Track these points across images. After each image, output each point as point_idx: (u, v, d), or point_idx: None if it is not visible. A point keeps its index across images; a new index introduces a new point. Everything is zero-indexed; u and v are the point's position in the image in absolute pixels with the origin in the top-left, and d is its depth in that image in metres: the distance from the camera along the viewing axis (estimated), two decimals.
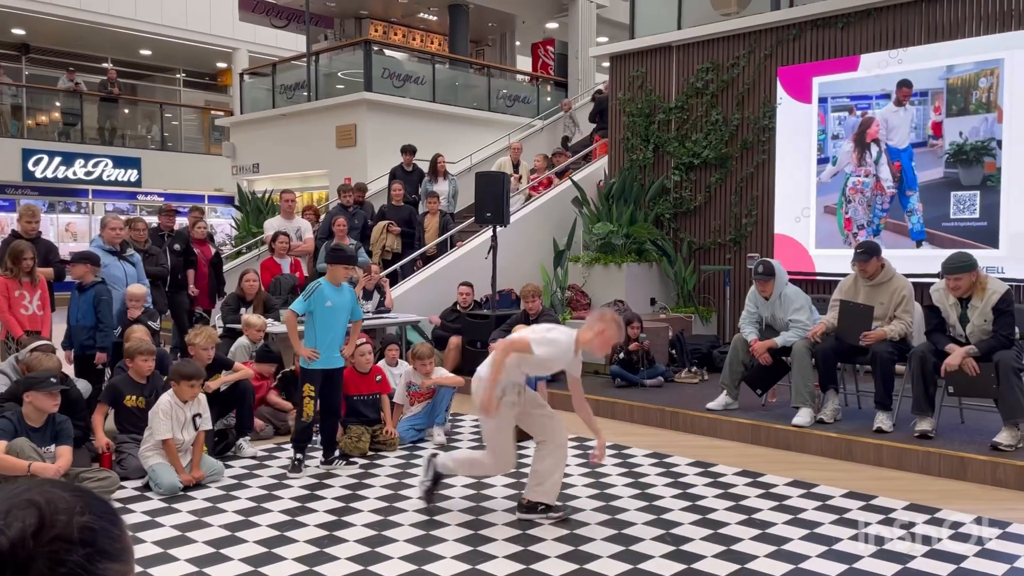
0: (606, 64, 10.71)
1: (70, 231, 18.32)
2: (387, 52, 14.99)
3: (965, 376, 4.97)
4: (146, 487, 4.62)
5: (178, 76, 23.09)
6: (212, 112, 21.07)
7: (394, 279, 9.06)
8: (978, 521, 4.03)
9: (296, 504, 4.37)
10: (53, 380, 4.37)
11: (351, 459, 5.18)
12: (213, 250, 9.04)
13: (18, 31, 19.01)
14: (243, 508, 4.31)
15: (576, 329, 4.02)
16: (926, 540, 3.78)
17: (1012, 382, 4.82)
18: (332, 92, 14.51)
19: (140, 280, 6.92)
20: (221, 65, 22.29)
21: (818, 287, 7.83)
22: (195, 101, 22.57)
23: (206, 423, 4.89)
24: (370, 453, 5.44)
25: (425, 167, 10.78)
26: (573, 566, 3.47)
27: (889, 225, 7.64)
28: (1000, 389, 4.84)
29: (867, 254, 5.65)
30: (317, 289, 4.91)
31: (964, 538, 3.80)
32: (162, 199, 18.83)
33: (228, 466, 5.07)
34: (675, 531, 3.91)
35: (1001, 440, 4.87)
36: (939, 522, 4.03)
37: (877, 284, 5.64)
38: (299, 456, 5.01)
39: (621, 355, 7.12)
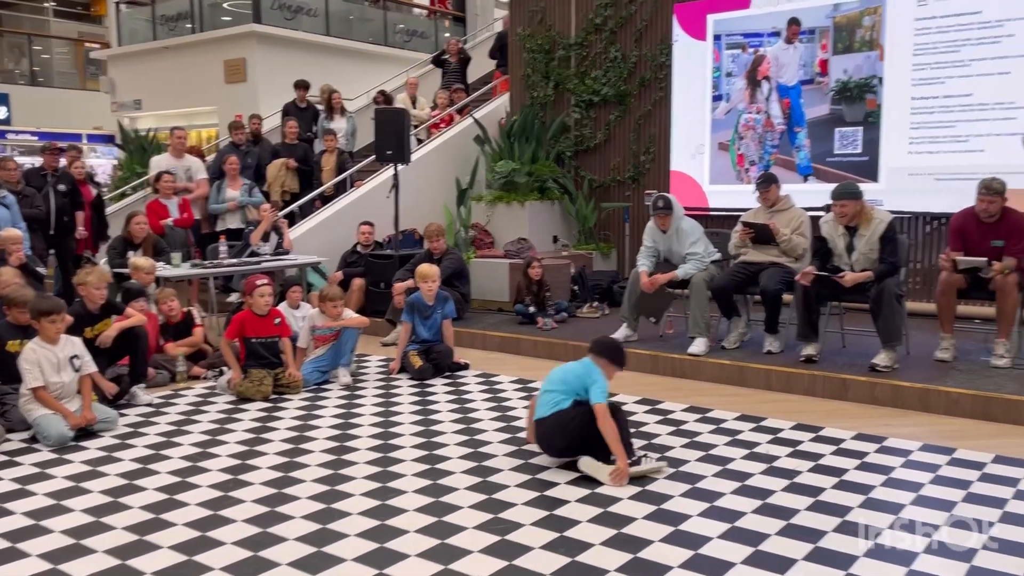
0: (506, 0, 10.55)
1: None
2: None
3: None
4: (34, 439, 4.41)
5: (47, 5, 21.41)
6: (87, 44, 19.69)
7: (292, 220, 8.82)
8: (858, 437, 4.32)
9: (197, 450, 4.27)
10: None
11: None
12: (94, 191, 8.59)
13: None
14: (141, 456, 4.18)
15: None
16: (811, 456, 4.03)
17: (892, 307, 5.15)
18: (218, 24, 13.78)
19: (15, 223, 6.50)
20: None
21: (712, 221, 8.08)
22: (67, 32, 21.02)
23: (88, 366, 4.68)
24: (273, 396, 5.35)
25: (320, 104, 10.45)
26: (482, 496, 3.54)
27: (779, 161, 7.91)
28: (882, 313, 5.17)
29: (766, 182, 6.01)
30: None
31: (845, 453, 4.07)
32: (36, 138, 17.65)
33: (122, 414, 4.89)
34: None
35: (879, 362, 5.21)
36: (823, 439, 4.30)
37: (777, 211, 5.94)
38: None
39: (528, 297, 7.20)
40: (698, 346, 5.86)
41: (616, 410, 3.84)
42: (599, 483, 3.67)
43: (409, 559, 2.95)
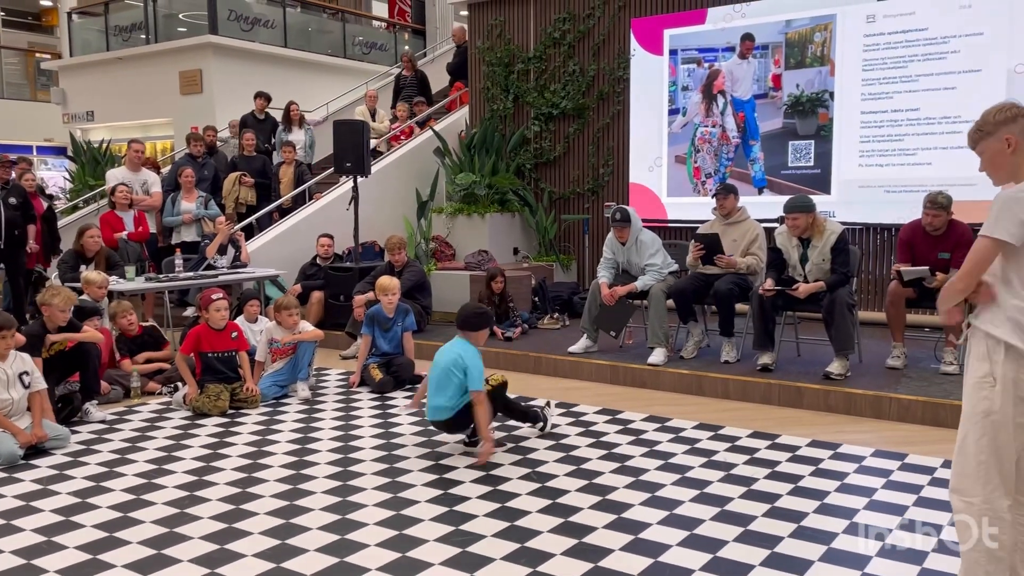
0: (464, 13, 10.59)
1: None
2: None
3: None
4: None
5: None
6: (37, 55, 19.31)
7: (250, 233, 8.73)
8: (812, 444, 4.40)
9: (152, 467, 4.19)
10: None
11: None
12: (45, 204, 8.42)
13: None
14: (94, 474, 4.09)
15: None
16: (768, 463, 4.09)
17: (844, 316, 5.26)
18: (173, 35, 13.63)
19: None
20: (45, 3, 20.39)
21: (670, 233, 8.19)
22: (17, 43, 20.59)
23: (38, 383, 4.57)
24: (230, 411, 5.28)
25: (279, 116, 10.38)
26: (443, 509, 3.54)
27: (734, 173, 8.05)
28: (835, 322, 5.28)
29: (725, 191, 6.12)
30: None
31: (800, 460, 4.15)
32: None
33: (75, 431, 4.79)
34: (540, 469, 4.04)
35: (832, 370, 5.31)
36: (779, 447, 4.37)
37: (733, 223, 6.04)
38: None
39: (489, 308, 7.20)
40: (657, 356, 5.92)
41: (497, 394, 4.37)
42: (561, 493, 3.69)
43: (369, 573, 2.94)
